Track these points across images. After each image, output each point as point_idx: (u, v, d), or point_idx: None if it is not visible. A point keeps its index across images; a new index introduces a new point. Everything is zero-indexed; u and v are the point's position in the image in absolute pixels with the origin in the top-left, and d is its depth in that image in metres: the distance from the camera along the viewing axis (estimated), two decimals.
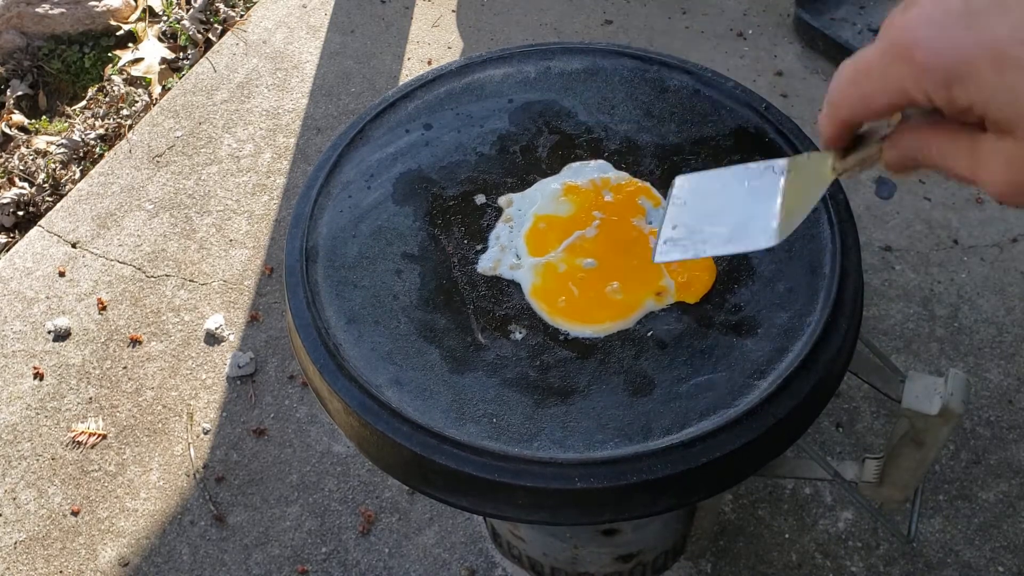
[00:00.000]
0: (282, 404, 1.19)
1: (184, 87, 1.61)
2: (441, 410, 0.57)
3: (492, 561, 1.04)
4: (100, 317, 1.29)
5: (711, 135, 0.70)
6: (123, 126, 1.59)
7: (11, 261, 1.38)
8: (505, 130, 0.72)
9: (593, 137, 0.71)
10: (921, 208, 1.34)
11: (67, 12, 1.77)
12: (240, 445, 1.16)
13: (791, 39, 1.58)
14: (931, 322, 1.21)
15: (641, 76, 0.74)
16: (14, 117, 1.68)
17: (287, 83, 1.60)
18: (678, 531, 0.91)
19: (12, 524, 1.11)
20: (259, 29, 1.71)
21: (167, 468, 1.14)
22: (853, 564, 1.01)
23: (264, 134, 1.52)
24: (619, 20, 1.66)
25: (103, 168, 1.50)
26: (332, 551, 1.06)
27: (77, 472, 1.15)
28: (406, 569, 1.04)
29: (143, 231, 1.40)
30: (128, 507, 1.11)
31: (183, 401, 1.20)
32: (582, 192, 0.67)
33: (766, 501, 1.06)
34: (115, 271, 1.35)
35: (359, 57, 1.64)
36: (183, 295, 1.31)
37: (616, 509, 0.55)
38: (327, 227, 0.66)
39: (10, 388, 1.23)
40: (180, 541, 1.08)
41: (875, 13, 1.58)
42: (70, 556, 1.08)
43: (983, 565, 1.01)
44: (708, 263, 0.63)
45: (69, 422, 1.19)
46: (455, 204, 0.68)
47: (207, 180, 1.46)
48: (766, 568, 1.02)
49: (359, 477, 1.11)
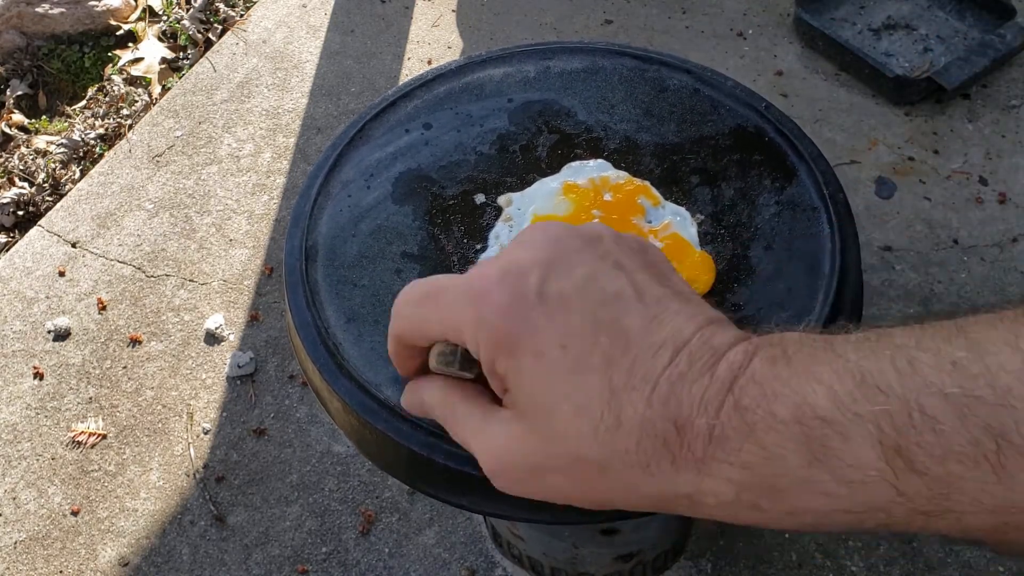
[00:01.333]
0: (282, 404, 1.19)
1: (184, 87, 1.61)
2: None
3: (492, 561, 1.04)
4: (100, 317, 1.29)
5: (711, 134, 0.70)
6: (123, 126, 1.59)
7: (11, 261, 1.38)
8: (505, 129, 0.72)
9: (593, 136, 0.71)
10: (921, 208, 1.34)
11: (67, 12, 1.77)
12: (240, 445, 1.16)
13: (791, 39, 1.58)
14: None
15: (641, 75, 0.74)
16: (14, 117, 1.68)
17: (287, 83, 1.60)
18: (678, 531, 0.91)
19: (12, 524, 1.11)
20: (259, 29, 1.71)
21: (167, 468, 1.14)
22: (853, 564, 1.01)
23: (264, 134, 1.52)
24: (619, 20, 1.66)
25: (103, 168, 1.50)
26: (332, 551, 1.06)
27: (77, 472, 1.15)
28: (406, 569, 1.04)
29: (143, 231, 1.40)
30: (128, 507, 1.11)
31: (183, 401, 1.20)
32: (581, 191, 0.67)
33: None
34: (115, 271, 1.35)
35: (359, 57, 1.64)
36: (183, 295, 1.31)
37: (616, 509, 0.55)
38: (327, 226, 0.66)
39: (10, 388, 1.23)
40: (180, 541, 1.08)
41: (875, 13, 1.58)
42: (70, 556, 1.08)
43: (983, 565, 1.01)
44: (708, 263, 0.63)
45: (69, 422, 1.19)
46: (455, 203, 0.68)
47: (207, 180, 1.46)
48: (766, 568, 1.02)
49: (359, 477, 1.11)
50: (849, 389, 0.27)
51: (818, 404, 0.27)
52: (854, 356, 0.28)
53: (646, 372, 0.31)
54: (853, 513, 0.28)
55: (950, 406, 0.25)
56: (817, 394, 0.27)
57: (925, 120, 1.44)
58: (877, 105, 1.46)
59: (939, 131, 1.42)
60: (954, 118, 1.44)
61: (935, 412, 0.25)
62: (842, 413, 0.27)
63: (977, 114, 1.44)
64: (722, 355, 0.30)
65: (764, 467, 0.28)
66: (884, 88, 1.45)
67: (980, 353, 0.25)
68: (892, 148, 1.41)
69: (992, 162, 1.38)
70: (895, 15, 1.57)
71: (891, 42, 1.53)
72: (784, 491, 0.28)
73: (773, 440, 0.28)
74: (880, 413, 0.26)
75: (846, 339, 0.29)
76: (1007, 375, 0.25)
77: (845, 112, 1.46)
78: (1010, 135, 1.41)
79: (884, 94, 1.46)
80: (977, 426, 0.25)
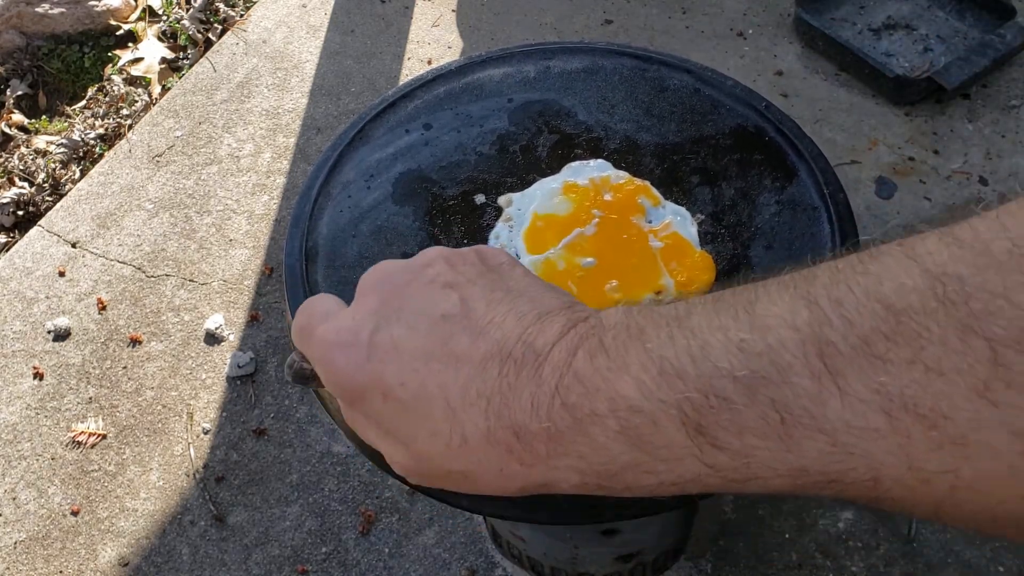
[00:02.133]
0: (282, 404, 1.19)
1: (184, 87, 1.61)
2: None
3: (492, 561, 1.04)
4: (100, 317, 1.29)
5: (711, 134, 0.70)
6: (123, 126, 1.59)
7: (11, 261, 1.38)
8: (505, 130, 0.72)
9: (593, 136, 0.71)
10: (921, 208, 1.34)
11: (67, 12, 1.77)
12: (240, 445, 1.15)
13: (791, 39, 1.58)
14: None
15: (641, 75, 0.74)
16: (14, 117, 1.68)
17: (287, 83, 1.60)
18: (678, 531, 0.91)
19: (12, 524, 1.11)
20: (259, 29, 1.71)
21: (167, 468, 1.14)
22: (853, 564, 1.01)
23: (264, 134, 1.52)
24: (619, 20, 1.66)
25: (103, 168, 1.50)
26: (332, 551, 1.06)
27: (77, 472, 1.15)
28: (406, 569, 1.04)
29: (143, 231, 1.40)
30: (128, 507, 1.11)
31: (183, 401, 1.20)
32: (581, 191, 0.67)
33: (766, 501, 1.06)
34: (115, 271, 1.35)
35: (359, 57, 1.64)
36: (183, 295, 1.31)
37: (616, 508, 0.55)
38: (327, 227, 0.66)
39: (10, 388, 1.23)
40: (180, 541, 1.08)
41: (875, 13, 1.58)
42: (70, 556, 1.08)
43: (984, 565, 1.01)
44: (708, 262, 0.63)
45: (69, 422, 1.19)
46: (455, 204, 0.68)
47: (207, 180, 1.46)
48: (766, 568, 1.02)
49: (359, 477, 1.11)
50: (653, 377, 0.30)
51: (629, 396, 0.30)
52: (656, 345, 0.30)
53: (479, 388, 0.34)
54: (678, 484, 0.31)
55: (741, 387, 0.28)
56: (628, 386, 0.30)
57: (925, 120, 1.44)
58: (877, 105, 1.46)
59: (939, 131, 1.42)
60: (954, 118, 1.44)
61: (728, 393, 0.28)
62: (649, 402, 0.30)
63: (977, 114, 1.44)
64: (545, 357, 0.33)
65: (595, 456, 0.32)
66: (884, 88, 1.45)
67: (763, 333, 0.28)
68: (892, 148, 1.41)
69: (992, 162, 1.38)
70: (895, 15, 1.57)
71: (891, 42, 1.53)
72: (617, 473, 0.32)
73: (598, 432, 0.31)
74: (681, 399, 0.29)
75: (657, 323, 0.32)
76: (787, 353, 0.27)
77: (845, 112, 1.46)
78: (1010, 135, 1.41)
79: (884, 94, 1.46)
80: (765, 403, 0.27)
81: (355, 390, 0.36)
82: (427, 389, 0.34)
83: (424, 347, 0.35)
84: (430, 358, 0.35)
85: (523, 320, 0.35)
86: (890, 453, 0.26)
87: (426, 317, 0.36)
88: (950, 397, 0.24)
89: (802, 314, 0.28)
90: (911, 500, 0.27)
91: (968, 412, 0.24)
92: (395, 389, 0.35)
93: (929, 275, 0.25)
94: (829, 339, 0.27)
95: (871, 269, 0.27)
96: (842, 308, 0.27)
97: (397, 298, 0.38)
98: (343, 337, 0.37)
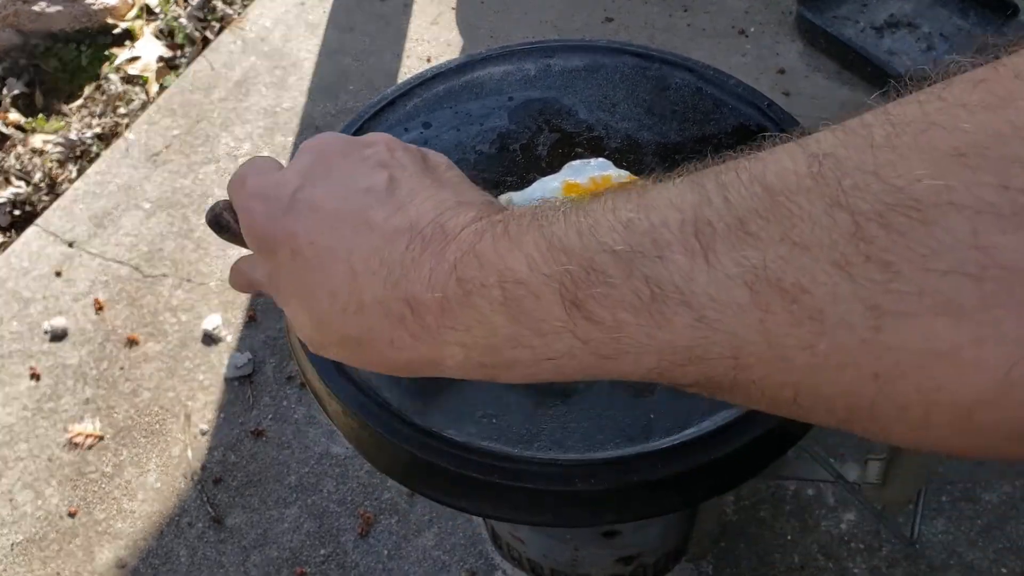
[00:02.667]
0: (280, 405, 1.18)
1: (181, 85, 1.60)
2: (440, 411, 0.56)
3: (492, 563, 1.03)
4: (97, 317, 1.29)
5: (713, 133, 0.69)
6: (120, 124, 1.58)
7: (7, 261, 1.37)
8: (505, 128, 0.71)
9: (594, 135, 0.71)
10: None
11: (64, 10, 1.76)
12: (238, 446, 1.15)
13: (793, 37, 1.57)
14: None
15: (642, 74, 0.73)
16: (10, 115, 1.67)
17: (285, 81, 1.59)
18: (679, 533, 0.90)
19: (9, 526, 1.10)
20: (257, 27, 1.70)
21: (164, 470, 1.14)
22: (856, 566, 1.01)
23: (262, 132, 1.51)
24: (620, 18, 1.65)
25: (100, 167, 1.49)
26: (331, 553, 1.05)
27: (74, 473, 1.14)
28: (405, 571, 1.03)
29: (140, 230, 1.39)
30: (125, 509, 1.11)
31: (180, 402, 1.19)
32: (582, 190, 0.66)
33: (768, 502, 1.06)
34: (112, 271, 1.34)
35: (357, 55, 1.63)
36: (180, 295, 1.30)
37: (617, 510, 0.54)
38: None
39: (6, 389, 1.22)
40: (178, 543, 1.07)
41: (877, 11, 1.57)
42: (67, 558, 1.07)
43: (986, 567, 1.00)
44: None
45: (66, 423, 1.18)
46: None
47: (204, 179, 1.45)
48: (768, 570, 1.01)
49: (358, 479, 1.11)
50: (543, 253, 0.31)
51: (517, 269, 0.31)
52: (549, 224, 0.31)
53: (384, 258, 0.35)
54: (553, 360, 0.32)
55: (619, 261, 0.29)
56: (518, 260, 0.31)
57: None
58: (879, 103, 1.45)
59: None
60: None
61: (606, 267, 0.29)
62: (534, 275, 0.31)
63: None
64: (453, 238, 0.34)
65: (480, 329, 0.33)
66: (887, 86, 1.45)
67: (648, 212, 0.29)
68: None
69: None
70: (898, 13, 1.56)
71: (894, 40, 1.52)
72: (498, 348, 0.33)
73: (484, 304, 0.32)
74: (562, 272, 0.30)
75: (560, 209, 0.32)
76: (667, 231, 0.28)
77: (847, 110, 1.45)
78: None
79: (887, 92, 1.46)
80: (639, 278, 0.28)
81: (268, 240, 0.38)
82: (334, 251, 0.36)
83: (341, 211, 0.36)
84: (343, 222, 0.36)
85: (441, 205, 0.36)
86: (751, 327, 0.26)
87: (351, 185, 0.37)
88: (811, 271, 0.25)
89: (688, 196, 0.29)
90: (772, 383, 0.27)
91: (827, 286, 0.24)
92: (304, 247, 0.36)
93: (810, 156, 0.26)
94: (708, 219, 0.27)
95: (761, 156, 0.28)
96: (726, 191, 0.28)
97: (325, 166, 0.39)
98: (268, 191, 0.38)
